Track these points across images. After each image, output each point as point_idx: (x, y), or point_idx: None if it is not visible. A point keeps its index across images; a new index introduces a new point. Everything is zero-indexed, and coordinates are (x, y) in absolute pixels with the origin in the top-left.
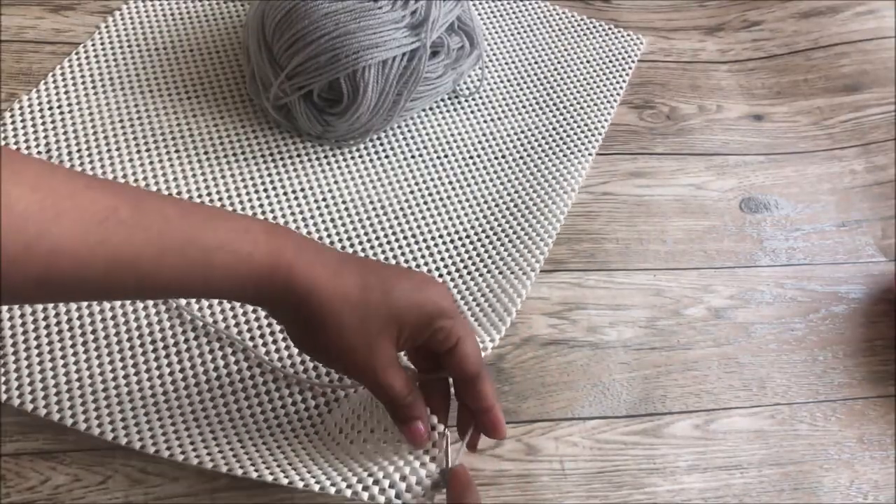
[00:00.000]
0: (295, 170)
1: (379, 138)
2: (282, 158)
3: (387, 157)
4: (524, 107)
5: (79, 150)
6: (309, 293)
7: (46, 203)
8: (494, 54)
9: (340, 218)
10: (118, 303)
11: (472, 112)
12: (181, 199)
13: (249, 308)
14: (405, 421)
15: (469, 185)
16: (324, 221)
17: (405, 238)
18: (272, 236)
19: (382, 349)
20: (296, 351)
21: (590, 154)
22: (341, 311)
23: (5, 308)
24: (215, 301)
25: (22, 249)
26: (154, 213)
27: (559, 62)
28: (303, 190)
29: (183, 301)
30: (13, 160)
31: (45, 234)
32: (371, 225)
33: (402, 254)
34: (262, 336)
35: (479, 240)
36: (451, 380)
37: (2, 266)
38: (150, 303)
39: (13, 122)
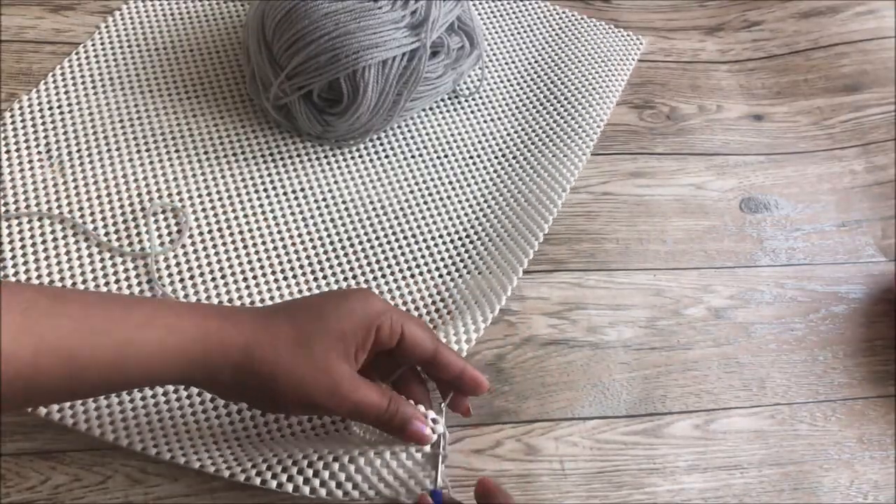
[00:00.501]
0: (295, 170)
1: (379, 138)
2: (282, 158)
3: (387, 157)
4: (524, 107)
5: (79, 151)
6: (248, 351)
7: None
8: (494, 54)
9: (340, 218)
10: None
11: (472, 112)
12: (100, 292)
13: None
14: (400, 428)
15: (469, 185)
16: (324, 221)
17: (405, 238)
18: (194, 309)
19: (340, 372)
20: None
21: (589, 154)
22: (280, 355)
23: None
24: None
25: None
26: (74, 301)
27: (559, 62)
28: (303, 190)
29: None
30: None
31: None
32: (371, 225)
33: (402, 254)
34: None
35: (479, 239)
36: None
37: None
38: None
39: (13, 122)
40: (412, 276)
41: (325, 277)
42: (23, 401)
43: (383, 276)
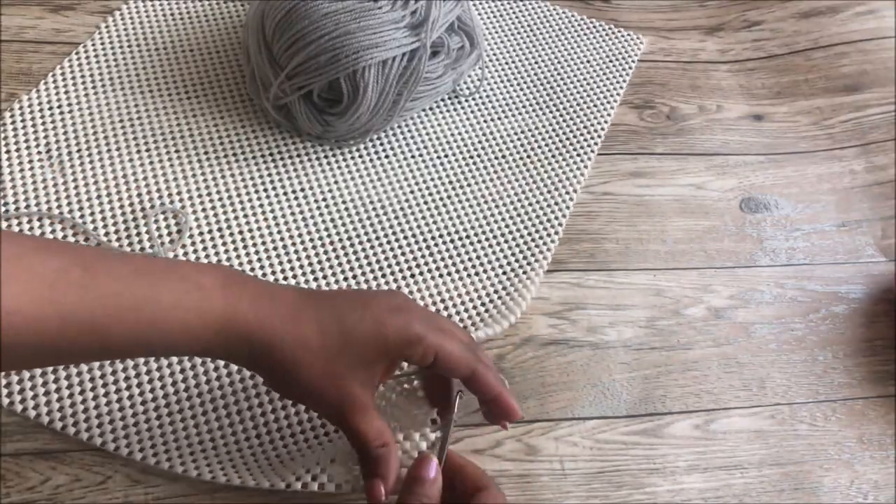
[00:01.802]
0: (295, 170)
1: (379, 138)
2: (282, 158)
3: (387, 157)
4: (524, 107)
5: (79, 150)
6: (269, 346)
7: None
8: (494, 54)
9: (340, 218)
10: None
11: (472, 112)
12: (135, 257)
13: None
14: (366, 475)
15: (469, 185)
16: (324, 221)
17: (405, 238)
18: (227, 290)
19: (352, 394)
20: None
21: (590, 154)
22: (303, 360)
23: None
24: None
25: None
26: (105, 274)
27: (559, 62)
28: (303, 190)
29: None
30: None
31: None
32: (371, 225)
33: (403, 254)
34: None
35: (479, 240)
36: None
37: None
38: None
39: (13, 122)
40: (412, 276)
41: (325, 277)
42: (50, 362)
43: (383, 276)
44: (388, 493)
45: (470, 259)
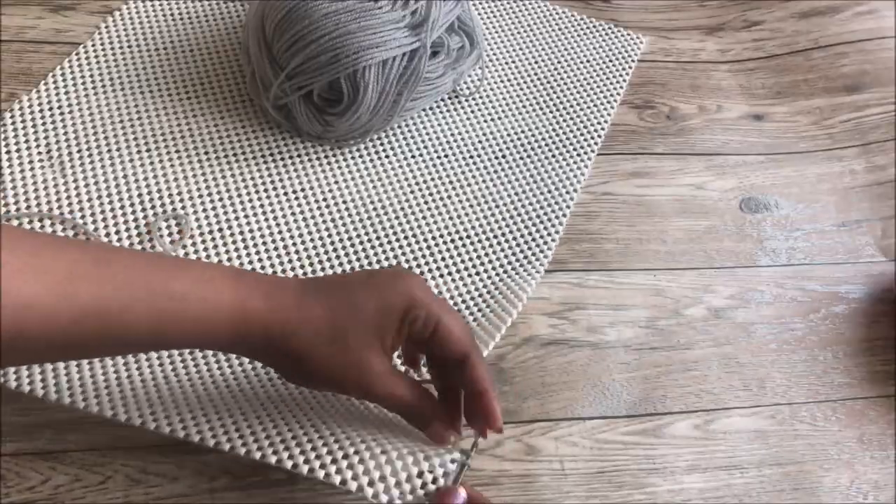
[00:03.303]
0: (295, 170)
1: (379, 138)
2: (282, 158)
3: (387, 157)
4: (524, 107)
5: (79, 151)
6: (280, 334)
7: (9, 260)
8: (494, 54)
9: (341, 218)
10: None
11: (472, 112)
12: (145, 252)
13: None
14: (423, 425)
15: (469, 185)
16: (324, 221)
17: (405, 238)
18: (237, 283)
19: (371, 363)
20: None
21: (590, 155)
22: (315, 343)
23: None
24: None
25: None
26: (118, 266)
27: (559, 62)
28: (303, 190)
29: None
30: None
31: (10, 291)
32: (371, 225)
33: (403, 254)
34: None
35: (479, 240)
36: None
37: None
38: None
39: (13, 122)
40: None
41: None
42: (61, 356)
43: None
44: (448, 431)
45: (470, 259)
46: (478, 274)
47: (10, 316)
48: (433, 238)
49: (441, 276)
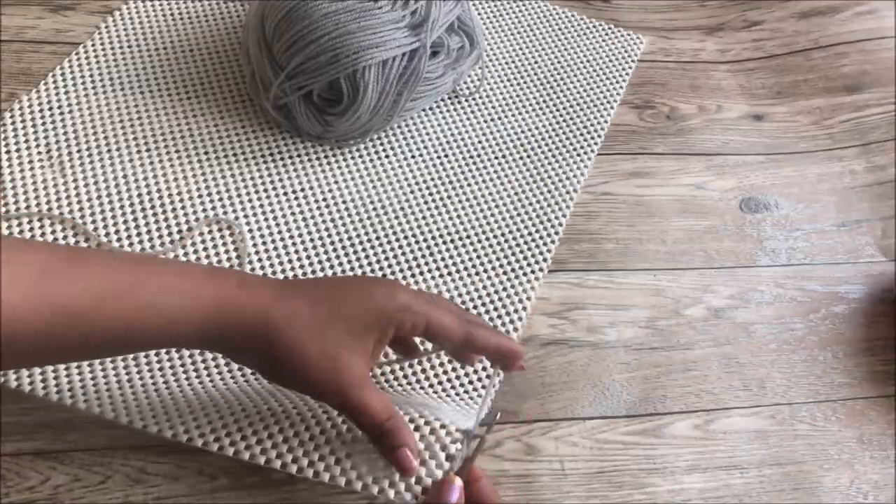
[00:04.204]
0: (295, 170)
1: (379, 138)
2: (282, 158)
3: (387, 157)
4: (524, 107)
5: (79, 151)
6: (262, 326)
7: None
8: (494, 54)
9: (341, 218)
10: None
11: (472, 112)
12: (118, 251)
13: None
14: (389, 450)
15: (469, 185)
16: (324, 221)
17: (405, 238)
18: (216, 277)
19: (349, 367)
20: None
21: (590, 154)
22: (295, 332)
23: None
24: None
25: None
26: (91, 265)
27: (559, 62)
28: (303, 190)
29: None
30: None
31: None
32: (371, 225)
33: (403, 253)
34: None
35: (479, 240)
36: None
37: None
38: None
39: (13, 122)
40: (412, 276)
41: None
42: (36, 359)
43: (383, 276)
44: (416, 461)
45: (470, 259)
46: (478, 274)
47: None
48: (433, 238)
49: (441, 276)
